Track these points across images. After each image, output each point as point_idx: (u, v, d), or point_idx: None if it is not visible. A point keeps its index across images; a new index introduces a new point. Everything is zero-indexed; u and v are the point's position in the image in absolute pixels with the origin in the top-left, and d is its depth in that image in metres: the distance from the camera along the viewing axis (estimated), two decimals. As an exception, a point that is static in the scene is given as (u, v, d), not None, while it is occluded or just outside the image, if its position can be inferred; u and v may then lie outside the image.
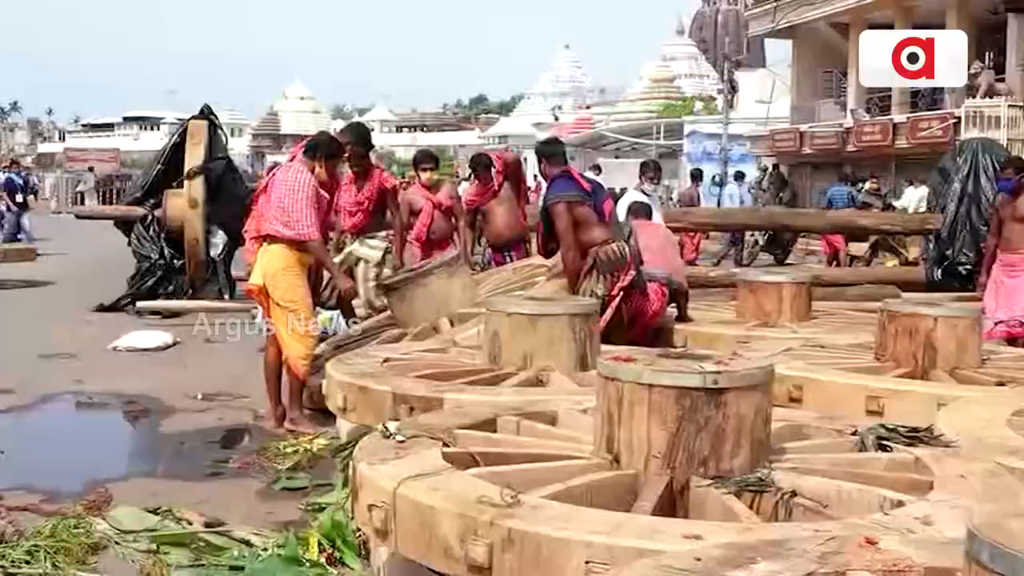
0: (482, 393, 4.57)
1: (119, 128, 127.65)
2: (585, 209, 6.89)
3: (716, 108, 50.60)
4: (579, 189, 6.98)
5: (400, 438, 3.55)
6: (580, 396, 4.30)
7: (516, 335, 5.12)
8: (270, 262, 6.79)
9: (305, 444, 6.22)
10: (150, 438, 6.92)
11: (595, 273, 6.79)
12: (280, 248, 6.77)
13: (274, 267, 6.76)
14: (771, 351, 5.51)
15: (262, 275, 6.79)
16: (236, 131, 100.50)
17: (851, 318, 8.01)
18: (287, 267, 6.77)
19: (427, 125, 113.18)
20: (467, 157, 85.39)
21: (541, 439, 3.74)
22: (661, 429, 3.20)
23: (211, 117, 13.03)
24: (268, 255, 6.81)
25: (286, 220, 6.74)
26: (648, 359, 3.42)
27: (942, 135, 23.92)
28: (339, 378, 5.04)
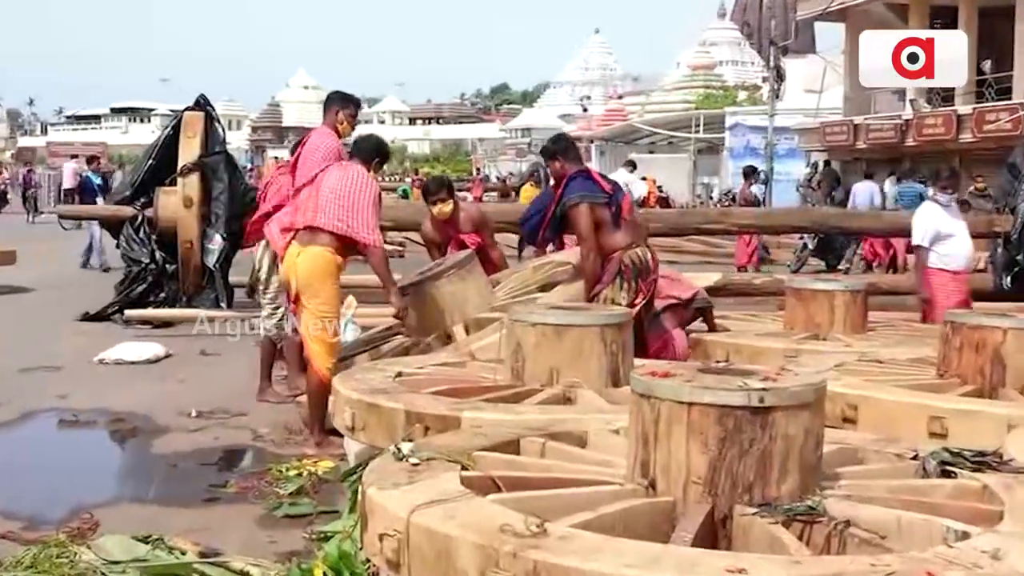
0: (504, 411, 4.57)
1: (106, 120, 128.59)
2: (606, 212, 7.05)
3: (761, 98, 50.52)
4: (600, 190, 7.08)
5: (414, 460, 3.56)
6: (612, 415, 4.30)
7: (541, 348, 5.13)
8: (314, 267, 6.79)
9: (309, 467, 6.23)
10: (140, 459, 6.94)
11: (618, 280, 6.83)
12: (324, 252, 6.79)
13: (318, 272, 6.78)
14: (822, 366, 5.49)
15: (296, 278, 6.80)
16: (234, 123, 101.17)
17: (911, 330, 7.99)
18: (330, 274, 6.82)
19: (443, 117, 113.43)
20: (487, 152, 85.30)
21: (569, 462, 3.74)
22: (702, 452, 3.20)
23: (207, 108, 13.08)
24: (310, 257, 6.80)
25: (348, 220, 6.80)
26: (687, 374, 3.41)
27: (1012, 128, 23.79)
28: (347, 394, 5.06)
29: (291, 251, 6.95)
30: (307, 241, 6.86)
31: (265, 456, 6.73)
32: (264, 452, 6.85)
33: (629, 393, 3.50)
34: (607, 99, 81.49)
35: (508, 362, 5.31)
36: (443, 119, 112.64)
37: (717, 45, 75.27)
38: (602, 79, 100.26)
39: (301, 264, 6.81)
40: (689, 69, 70.68)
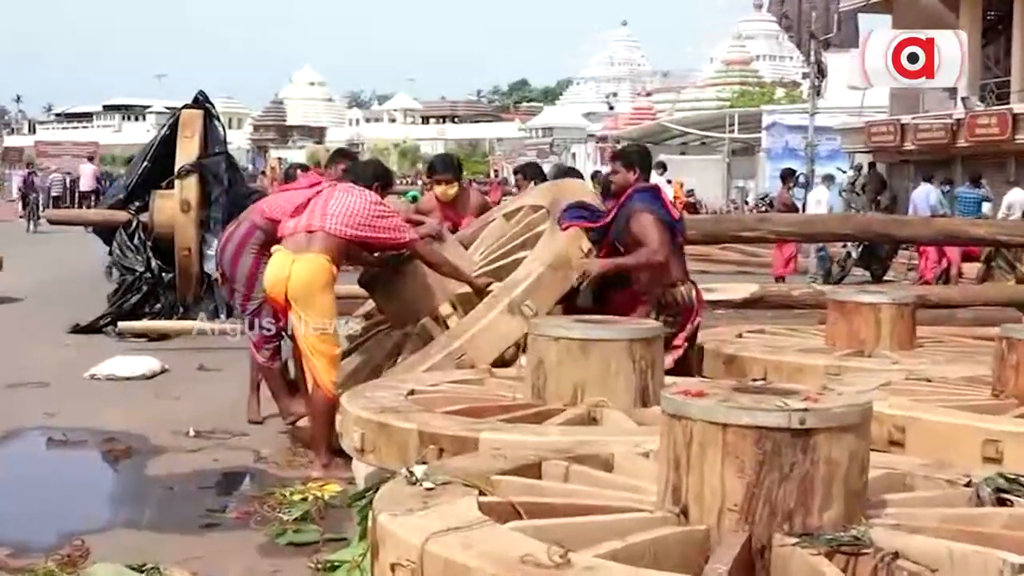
0: (524, 432, 4.57)
1: (98, 118, 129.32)
2: (668, 236, 7.03)
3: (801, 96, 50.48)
4: (668, 213, 7.15)
5: (428, 485, 3.56)
6: (641, 437, 4.29)
7: (564, 364, 5.13)
8: (312, 276, 6.78)
9: (315, 491, 6.24)
10: (134, 482, 6.96)
11: (657, 316, 6.84)
12: (321, 259, 6.80)
13: (317, 282, 6.79)
14: (868, 385, 5.48)
15: (291, 288, 6.79)
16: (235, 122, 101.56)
17: (963, 346, 7.95)
18: (328, 283, 6.86)
19: (458, 115, 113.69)
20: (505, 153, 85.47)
21: (595, 488, 3.73)
22: (738, 477, 3.20)
23: (207, 106, 13.15)
24: (307, 266, 6.79)
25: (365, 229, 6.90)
26: (722, 393, 3.41)
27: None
28: (356, 413, 5.07)
29: (280, 259, 6.91)
30: (302, 248, 6.85)
31: (267, 479, 6.75)
32: (266, 475, 6.86)
33: (659, 413, 3.50)
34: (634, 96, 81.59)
35: (529, 379, 5.31)
36: (458, 118, 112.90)
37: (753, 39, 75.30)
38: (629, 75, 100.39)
39: (297, 273, 6.79)
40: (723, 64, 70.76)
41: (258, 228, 7.76)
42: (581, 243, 7.10)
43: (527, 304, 6.71)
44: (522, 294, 6.76)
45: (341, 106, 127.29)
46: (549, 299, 6.86)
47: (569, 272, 6.92)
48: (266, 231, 7.64)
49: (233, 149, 15.67)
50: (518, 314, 6.68)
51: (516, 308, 6.71)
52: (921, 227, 16.13)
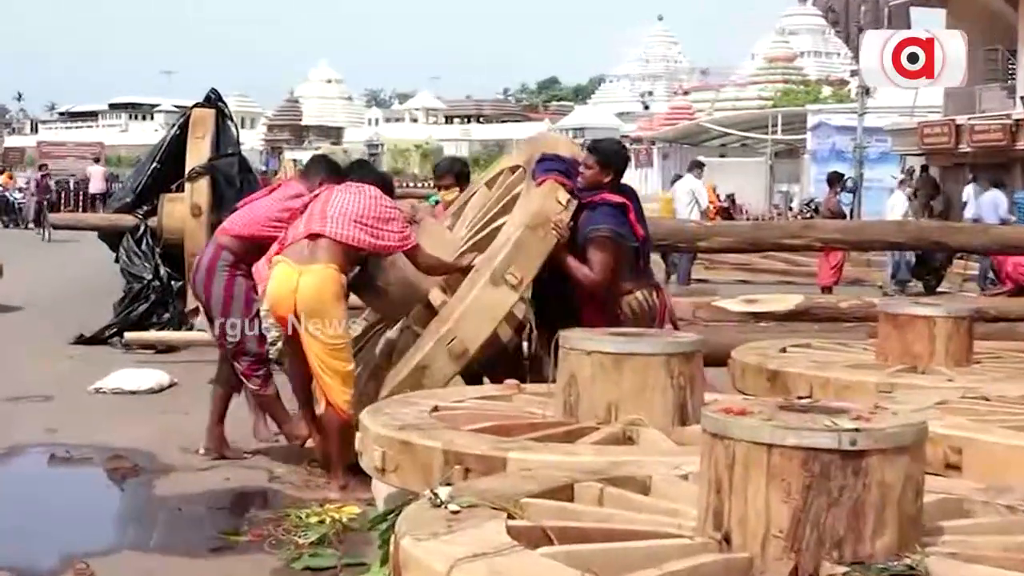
0: (555, 452, 4.57)
1: (104, 117, 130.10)
2: (631, 257, 7.17)
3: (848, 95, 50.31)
4: (634, 234, 7.20)
5: (454, 507, 3.56)
6: (679, 458, 4.28)
7: (597, 380, 5.12)
8: (323, 289, 6.76)
9: (333, 512, 6.25)
10: (141, 502, 6.98)
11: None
12: (330, 270, 6.78)
13: (329, 295, 6.77)
14: (922, 404, 5.45)
15: (300, 303, 6.74)
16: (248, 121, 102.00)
17: (1022, 362, 7.90)
18: (339, 295, 6.84)
19: (484, 115, 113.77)
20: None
21: (631, 511, 3.73)
22: (784, 501, 3.19)
23: (219, 104, 13.19)
24: (316, 278, 6.75)
25: (366, 235, 6.87)
26: (767, 412, 3.40)
27: None
28: (376, 431, 5.07)
29: (284, 272, 6.84)
30: (306, 258, 6.81)
31: (282, 500, 6.76)
32: (281, 495, 6.88)
33: (699, 433, 3.49)
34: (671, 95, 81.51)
35: (560, 396, 5.31)
36: (484, 117, 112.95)
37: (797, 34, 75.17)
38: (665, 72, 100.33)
39: (305, 287, 6.74)
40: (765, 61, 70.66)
41: (223, 248, 7.63)
42: (557, 195, 7.06)
43: (510, 272, 6.71)
44: (503, 263, 6.75)
45: (360, 105, 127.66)
46: (532, 263, 6.85)
47: (549, 229, 6.91)
48: (232, 248, 7.57)
49: (246, 150, 15.71)
50: (503, 284, 6.69)
51: (499, 279, 6.70)
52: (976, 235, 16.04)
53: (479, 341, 6.63)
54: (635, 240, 7.18)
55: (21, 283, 16.71)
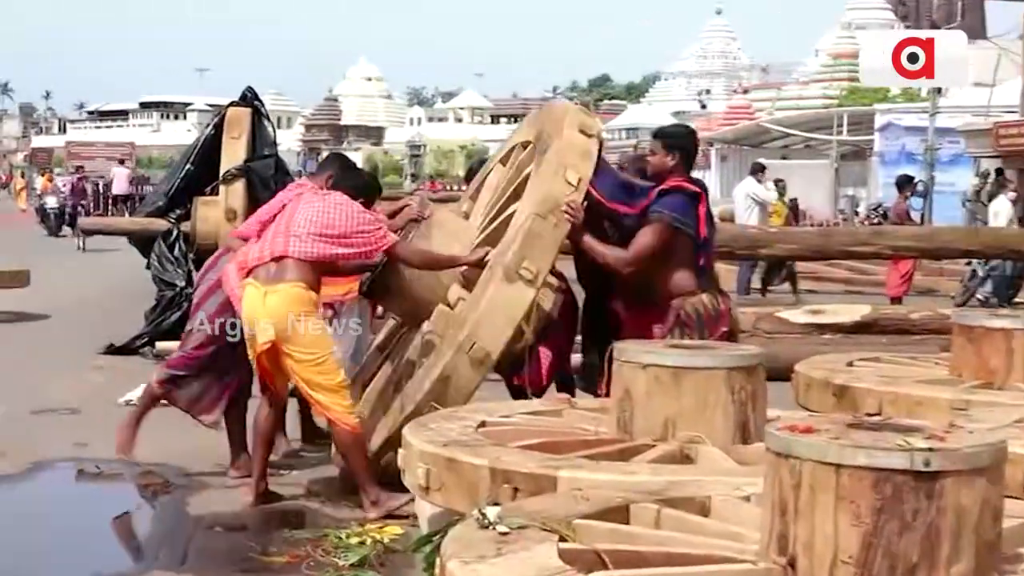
0: (609, 471, 4.56)
1: (135, 116, 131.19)
2: (691, 251, 7.03)
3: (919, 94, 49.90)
4: (696, 227, 7.06)
5: (502, 529, 3.56)
6: (741, 478, 4.27)
7: (654, 395, 5.11)
8: (284, 304, 6.75)
9: (374, 532, 6.26)
10: (172, 520, 7.02)
11: (677, 333, 6.83)
12: (295, 290, 6.78)
13: (292, 310, 6.74)
14: (1000, 422, 5.41)
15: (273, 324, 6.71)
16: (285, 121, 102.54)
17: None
18: (308, 309, 6.83)
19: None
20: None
21: (689, 534, 3.72)
22: (853, 525, 3.17)
23: (255, 103, 13.24)
24: (281, 299, 6.76)
25: (341, 241, 6.86)
26: (835, 430, 3.38)
27: None
28: (420, 447, 5.07)
29: (251, 295, 6.86)
30: (273, 278, 6.81)
31: (320, 518, 6.78)
32: (319, 514, 6.90)
33: (762, 451, 3.48)
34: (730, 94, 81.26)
35: (614, 411, 5.29)
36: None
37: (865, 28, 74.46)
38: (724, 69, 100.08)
39: (271, 309, 6.74)
40: (830, 58, 70.16)
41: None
42: (566, 175, 6.92)
43: (524, 267, 6.62)
44: (515, 257, 6.66)
45: (401, 104, 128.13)
46: (547, 253, 6.76)
47: (560, 214, 6.80)
48: None
49: (283, 151, 15.80)
50: (518, 280, 6.60)
51: (513, 274, 6.62)
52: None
53: (500, 344, 6.57)
54: (697, 236, 7.07)
55: (49, 291, 16.85)
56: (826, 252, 14.92)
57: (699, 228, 7.07)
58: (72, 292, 17.99)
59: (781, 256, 14.75)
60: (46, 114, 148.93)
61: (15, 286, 15.76)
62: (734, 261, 17.51)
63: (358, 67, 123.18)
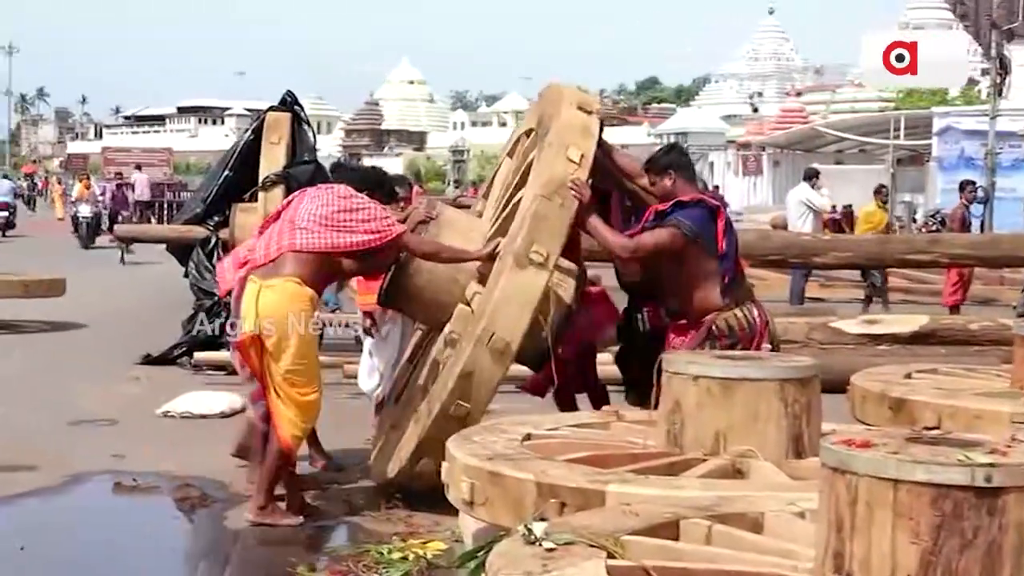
0: (658, 486, 4.56)
1: (172, 121, 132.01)
2: (708, 260, 6.99)
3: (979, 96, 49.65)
4: (714, 237, 7.04)
5: (549, 544, 3.57)
6: (795, 493, 4.26)
7: (705, 407, 5.11)
8: (278, 304, 6.74)
9: (417, 548, 6.27)
10: (211, 534, 7.07)
11: (709, 345, 6.83)
12: (294, 285, 6.78)
13: (284, 311, 6.73)
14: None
15: (256, 321, 6.72)
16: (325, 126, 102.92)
17: None
18: (305, 308, 6.80)
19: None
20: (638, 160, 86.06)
21: (741, 551, 3.71)
22: (912, 543, 3.15)
23: (295, 108, 13.29)
24: (274, 293, 6.76)
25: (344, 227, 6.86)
26: (892, 444, 3.37)
27: None
28: (464, 461, 5.08)
29: (249, 289, 6.87)
30: (269, 272, 6.83)
31: (361, 533, 6.79)
32: (360, 528, 6.91)
33: (816, 466, 3.47)
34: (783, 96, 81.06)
35: (663, 424, 5.29)
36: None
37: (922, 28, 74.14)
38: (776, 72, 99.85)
39: (265, 303, 6.74)
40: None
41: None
42: (567, 153, 6.90)
43: (534, 251, 6.60)
44: (523, 243, 6.65)
45: (444, 108, 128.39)
46: (555, 235, 6.73)
47: (566, 193, 6.78)
48: None
49: (323, 157, 15.82)
50: (529, 265, 6.59)
51: (524, 260, 6.61)
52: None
53: (519, 332, 6.55)
54: (716, 250, 7.04)
55: (86, 300, 16.97)
56: (882, 260, 14.86)
57: (718, 243, 7.06)
58: (109, 301, 18.11)
59: (834, 264, 14.66)
60: (82, 119, 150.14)
61: (52, 295, 15.88)
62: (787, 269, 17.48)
63: (400, 70, 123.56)
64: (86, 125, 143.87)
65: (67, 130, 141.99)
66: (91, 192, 35.06)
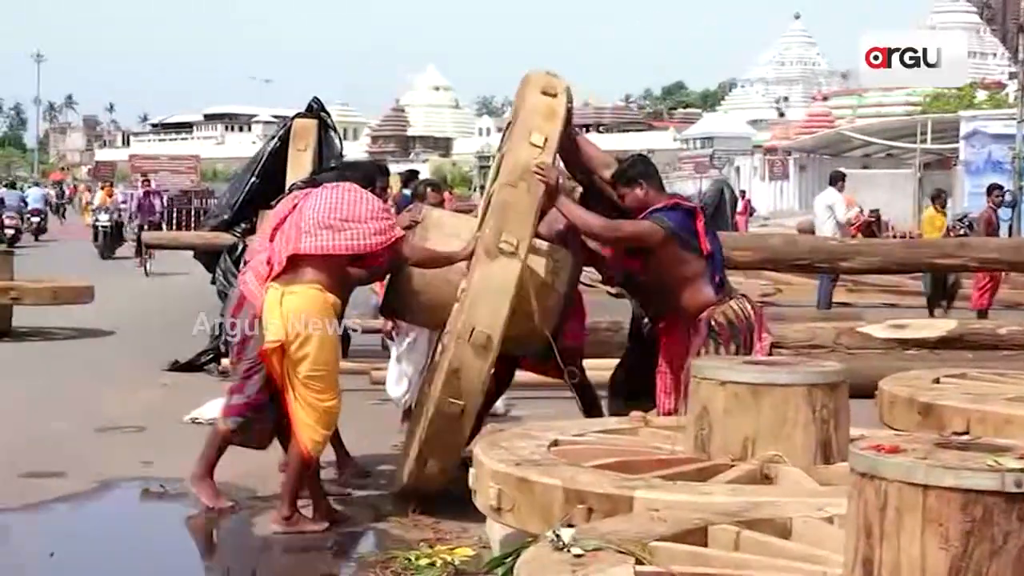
0: (686, 492, 4.55)
1: (199, 128, 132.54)
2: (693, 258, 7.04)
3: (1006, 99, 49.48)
4: (696, 234, 7.08)
5: (577, 551, 3.56)
6: (823, 499, 4.25)
7: (733, 413, 5.10)
8: (302, 305, 6.73)
9: (444, 555, 6.27)
10: (239, 541, 7.08)
11: (712, 344, 6.90)
12: (316, 291, 6.77)
13: (311, 312, 6.72)
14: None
15: (284, 326, 6.70)
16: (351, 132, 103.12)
17: None
18: (328, 314, 6.80)
19: (604, 124, 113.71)
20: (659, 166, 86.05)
21: (769, 557, 3.70)
22: (941, 549, 3.14)
23: (322, 114, 13.31)
24: (298, 299, 6.75)
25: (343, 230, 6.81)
26: (922, 450, 3.35)
27: None
28: (492, 467, 5.08)
29: (271, 296, 6.84)
30: (291, 279, 6.81)
31: (389, 540, 6.80)
32: (388, 535, 6.91)
33: (845, 472, 3.46)
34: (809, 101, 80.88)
35: (691, 430, 5.28)
36: (604, 126, 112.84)
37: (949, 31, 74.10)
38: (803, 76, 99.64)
39: (288, 307, 6.72)
40: (913, 63, 69.79)
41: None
42: (531, 139, 6.87)
43: (504, 241, 6.59)
44: (492, 234, 6.66)
45: (470, 114, 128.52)
46: (524, 221, 6.71)
47: (531, 179, 6.74)
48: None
49: (350, 163, 15.81)
50: (500, 256, 6.59)
51: (494, 250, 6.61)
52: None
53: (499, 323, 6.53)
54: (699, 249, 7.07)
55: (113, 307, 17.04)
56: (910, 265, 14.79)
57: (700, 242, 7.11)
58: (136, 308, 18.19)
59: (861, 269, 14.61)
60: (110, 127, 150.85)
61: (80, 302, 15.95)
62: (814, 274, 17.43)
63: (425, 75, 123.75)
64: (114, 133, 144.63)
65: (95, 138, 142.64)
66: (113, 200, 33.88)
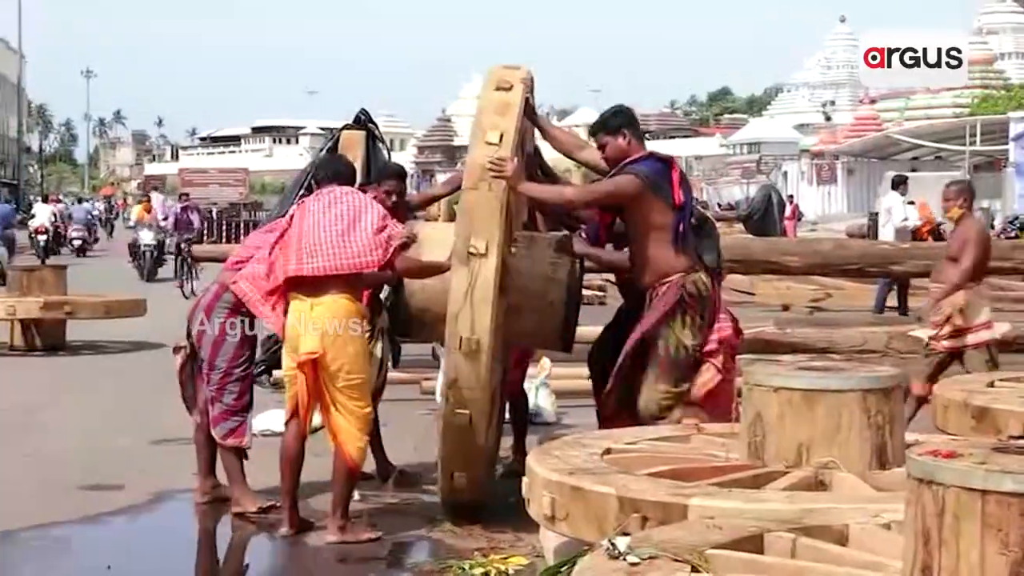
0: (741, 499, 4.54)
1: (247, 141, 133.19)
2: (666, 212, 7.02)
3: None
4: (671, 194, 7.05)
5: (633, 559, 3.56)
6: (880, 505, 4.22)
7: (786, 419, 5.08)
8: (332, 313, 6.76)
9: (498, 563, 6.27)
10: (294, 552, 7.10)
11: (680, 315, 6.89)
12: (346, 301, 6.81)
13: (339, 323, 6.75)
14: None
15: (320, 337, 6.73)
16: (397, 143, 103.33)
17: None
18: (358, 321, 6.86)
19: (650, 131, 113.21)
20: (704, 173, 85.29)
21: (826, 564, 3.69)
22: (1000, 553, 3.11)
23: (369, 126, 13.33)
24: (325, 308, 6.76)
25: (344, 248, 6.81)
26: (980, 454, 3.33)
27: None
28: (545, 476, 5.08)
29: (297, 306, 6.86)
30: (317, 291, 6.82)
31: (442, 549, 6.81)
32: (441, 544, 6.93)
33: (901, 477, 3.44)
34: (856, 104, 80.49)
35: (744, 436, 5.26)
36: (650, 133, 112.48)
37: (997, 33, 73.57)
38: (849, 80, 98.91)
39: (316, 316, 6.76)
40: (961, 64, 69.38)
41: (226, 288, 7.69)
42: (486, 137, 6.86)
43: (472, 245, 6.59)
44: (461, 239, 6.67)
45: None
46: (489, 223, 6.68)
47: (489, 177, 6.72)
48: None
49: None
50: (471, 260, 6.58)
51: (463, 255, 6.62)
52: None
53: (485, 327, 6.54)
54: (671, 200, 7.05)
55: (164, 319, 17.13)
56: (961, 268, 14.66)
57: (674, 193, 7.09)
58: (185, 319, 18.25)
59: (912, 273, 14.51)
60: (159, 141, 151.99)
61: (133, 316, 16.08)
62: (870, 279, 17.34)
63: (471, 85, 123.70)
64: (163, 147, 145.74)
65: (144, 152, 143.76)
66: (152, 215, 30.78)
